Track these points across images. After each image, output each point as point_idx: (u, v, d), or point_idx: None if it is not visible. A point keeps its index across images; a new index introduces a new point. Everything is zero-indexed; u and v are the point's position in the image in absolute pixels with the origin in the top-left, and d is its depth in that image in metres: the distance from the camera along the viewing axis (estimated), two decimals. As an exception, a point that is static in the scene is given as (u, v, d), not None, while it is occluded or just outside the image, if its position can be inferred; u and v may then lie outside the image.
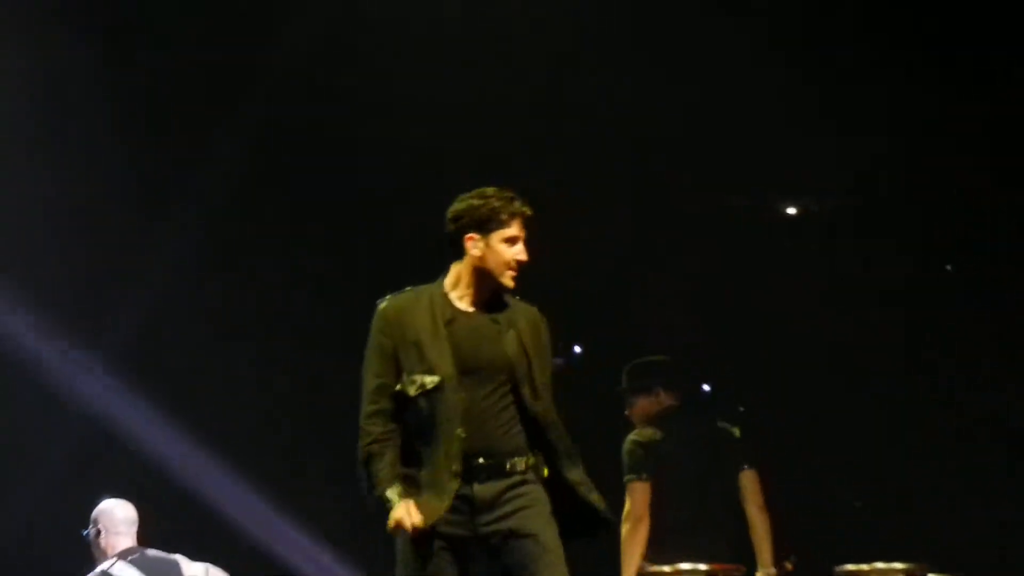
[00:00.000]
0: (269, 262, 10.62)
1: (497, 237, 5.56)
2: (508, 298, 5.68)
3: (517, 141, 9.61)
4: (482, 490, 5.52)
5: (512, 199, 5.61)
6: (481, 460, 5.50)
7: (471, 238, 5.58)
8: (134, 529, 7.61)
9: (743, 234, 10.25)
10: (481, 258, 5.57)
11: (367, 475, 5.53)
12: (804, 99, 9.13)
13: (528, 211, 5.62)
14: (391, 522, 5.45)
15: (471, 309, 5.60)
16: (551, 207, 5.88)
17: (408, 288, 5.69)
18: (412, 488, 5.48)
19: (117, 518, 7.58)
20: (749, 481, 7.67)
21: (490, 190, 5.61)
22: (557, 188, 9.18)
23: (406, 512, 5.41)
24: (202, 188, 10.17)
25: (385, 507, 5.47)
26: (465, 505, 5.50)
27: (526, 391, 5.55)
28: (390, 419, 5.53)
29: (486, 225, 5.56)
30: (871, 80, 9.17)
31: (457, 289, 5.62)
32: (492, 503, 5.51)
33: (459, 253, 5.63)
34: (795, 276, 9.98)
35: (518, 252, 5.58)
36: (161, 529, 7.94)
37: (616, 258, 10.32)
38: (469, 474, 5.49)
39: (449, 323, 5.53)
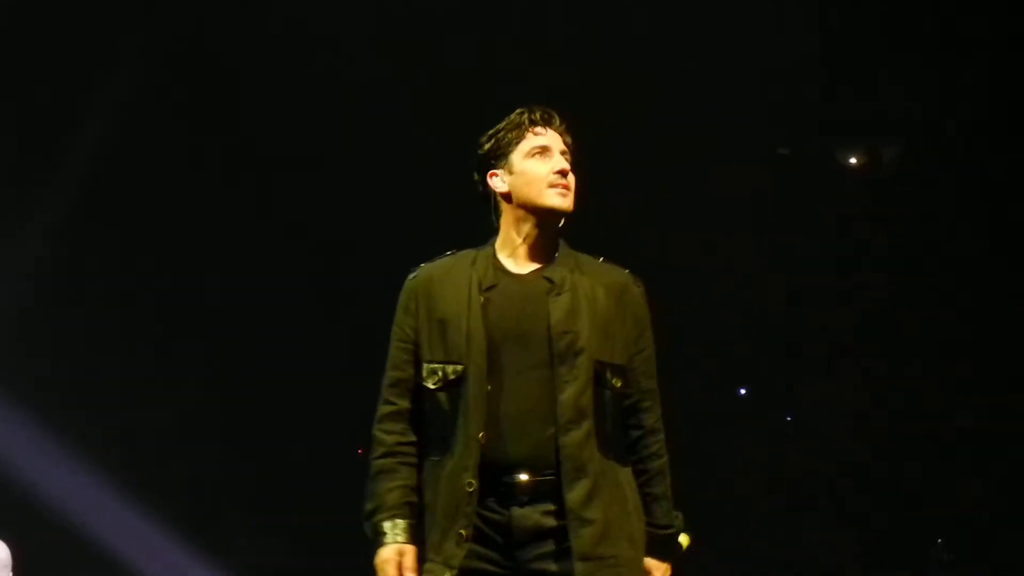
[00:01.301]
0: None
1: (518, 156, 4.45)
2: (586, 258, 4.51)
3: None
4: (523, 516, 4.24)
5: (523, 111, 4.49)
6: (523, 477, 4.24)
7: (492, 174, 4.47)
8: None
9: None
10: (509, 191, 4.44)
11: (370, 495, 4.35)
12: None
13: (548, 113, 4.50)
14: (377, 559, 4.29)
15: (524, 271, 4.42)
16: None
17: (449, 252, 4.54)
18: (426, 521, 4.31)
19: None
20: None
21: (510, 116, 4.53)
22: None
23: (395, 557, 4.26)
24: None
25: (376, 540, 4.31)
26: (499, 535, 4.26)
27: (562, 371, 4.27)
28: (410, 425, 4.39)
29: (500, 151, 4.46)
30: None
31: (506, 248, 4.45)
32: (535, 534, 4.25)
33: (497, 206, 4.50)
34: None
35: (554, 163, 4.43)
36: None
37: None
38: (505, 494, 4.24)
39: (488, 290, 4.37)
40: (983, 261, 9.02)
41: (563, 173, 4.42)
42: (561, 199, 4.41)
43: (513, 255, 4.45)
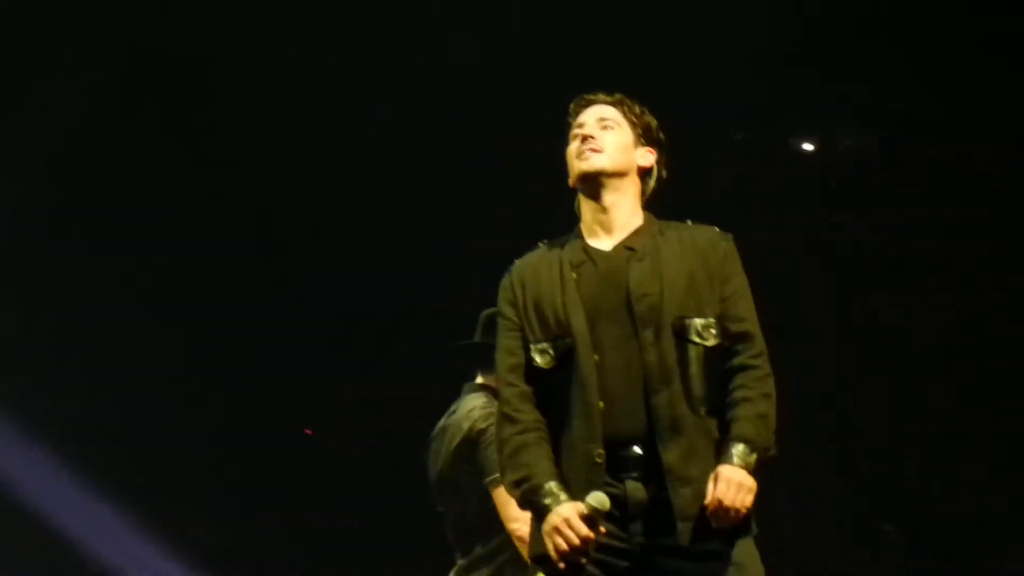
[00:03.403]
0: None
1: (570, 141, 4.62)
2: (673, 224, 4.58)
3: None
4: (637, 489, 4.27)
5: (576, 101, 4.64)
6: (637, 450, 4.27)
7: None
8: None
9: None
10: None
11: (517, 466, 4.34)
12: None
13: (587, 98, 4.64)
14: (548, 526, 4.23)
15: (608, 246, 4.51)
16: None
17: (541, 243, 4.65)
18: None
19: None
20: None
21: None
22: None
23: (571, 515, 4.19)
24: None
25: (540, 506, 4.27)
26: (616, 509, 4.26)
27: (647, 334, 4.33)
28: (535, 405, 4.42)
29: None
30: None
31: (586, 229, 4.56)
32: (649, 506, 4.28)
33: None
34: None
35: (577, 135, 4.57)
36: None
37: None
38: (620, 468, 4.28)
39: (578, 267, 4.47)
40: (954, 253, 8.97)
41: (583, 139, 4.51)
42: (583, 162, 4.50)
43: (593, 233, 4.52)
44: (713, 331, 4.38)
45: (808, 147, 9.68)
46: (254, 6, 8.92)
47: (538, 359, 4.41)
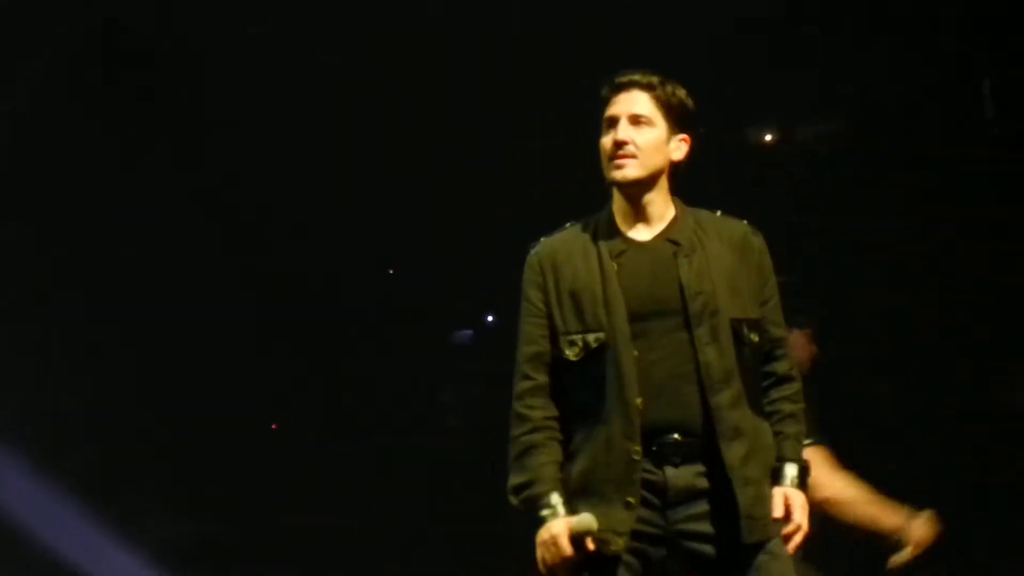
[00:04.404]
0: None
1: (603, 128, 4.44)
2: (704, 214, 4.50)
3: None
4: (677, 476, 4.25)
5: (614, 76, 4.45)
6: (676, 436, 4.25)
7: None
8: None
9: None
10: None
11: (521, 468, 4.31)
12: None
13: (624, 80, 4.43)
14: (540, 538, 4.25)
15: (647, 236, 4.42)
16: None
17: (569, 224, 4.53)
18: (576, 491, 4.30)
19: None
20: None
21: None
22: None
23: (567, 532, 4.21)
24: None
25: (540, 515, 4.27)
26: (655, 496, 4.26)
27: (701, 333, 4.28)
28: (551, 400, 4.35)
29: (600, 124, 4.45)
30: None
31: (620, 214, 4.44)
32: (690, 494, 4.26)
33: None
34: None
35: (611, 135, 4.40)
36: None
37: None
38: (658, 455, 4.25)
39: (619, 256, 4.37)
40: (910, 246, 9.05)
41: (615, 144, 4.37)
42: (616, 171, 4.38)
43: (629, 221, 4.42)
44: (756, 331, 4.40)
45: (768, 137, 9.75)
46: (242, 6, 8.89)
47: (567, 351, 4.33)
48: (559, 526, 4.23)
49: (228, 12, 8.80)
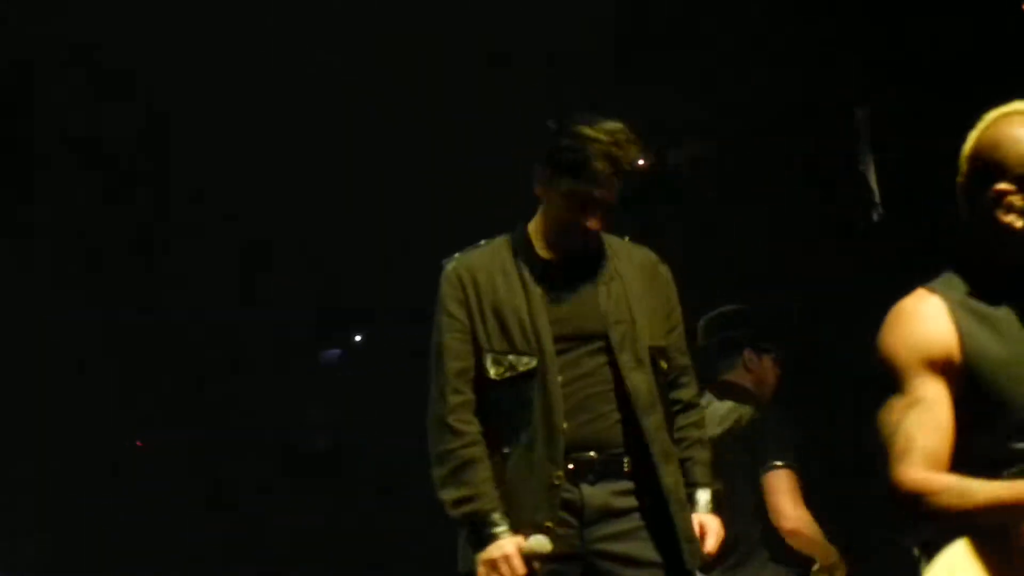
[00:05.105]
0: None
1: (566, 182, 4.36)
2: (615, 241, 4.54)
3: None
4: (593, 495, 4.31)
5: (597, 152, 4.31)
6: (592, 454, 4.30)
7: (541, 172, 4.44)
8: None
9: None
10: (544, 200, 4.46)
11: (461, 483, 4.29)
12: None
13: (619, 162, 4.36)
14: (487, 556, 4.22)
15: (564, 258, 4.45)
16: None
17: (482, 242, 4.56)
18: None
19: None
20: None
21: (608, 126, 4.35)
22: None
23: (513, 552, 4.19)
24: None
25: (482, 534, 4.26)
26: (571, 515, 4.30)
27: (625, 359, 4.34)
28: (476, 415, 4.40)
29: (558, 160, 4.37)
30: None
31: (540, 238, 4.48)
32: (606, 512, 4.31)
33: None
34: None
35: (588, 218, 4.38)
36: None
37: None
38: (574, 473, 4.30)
39: (540, 281, 4.40)
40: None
41: (598, 217, 4.37)
42: (579, 241, 4.40)
43: (549, 245, 4.43)
44: (664, 359, 4.46)
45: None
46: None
47: (492, 370, 4.35)
48: (510, 546, 4.20)
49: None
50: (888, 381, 3.15)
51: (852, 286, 8.39)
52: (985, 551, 3.00)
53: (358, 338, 10.32)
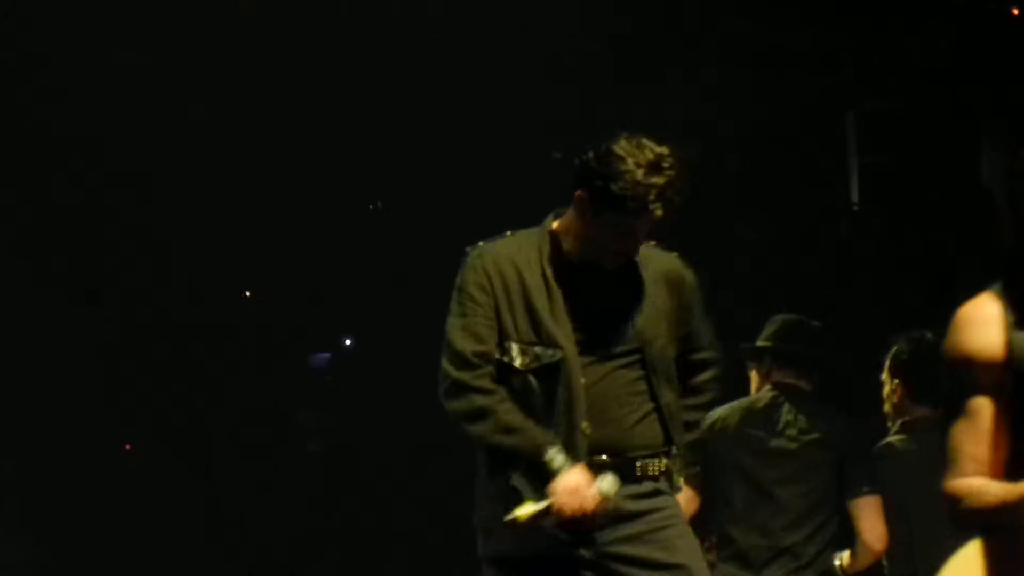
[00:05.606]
0: None
1: (605, 210, 4.23)
2: (647, 249, 4.43)
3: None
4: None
5: (643, 184, 4.18)
6: (604, 457, 4.28)
7: (581, 193, 4.28)
8: None
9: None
10: (581, 218, 4.32)
11: (510, 431, 4.24)
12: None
13: (664, 198, 4.21)
14: (567, 482, 4.14)
15: (591, 265, 4.36)
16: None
17: (508, 232, 4.46)
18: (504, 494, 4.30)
19: None
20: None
21: (652, 158, 4.20)
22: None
23: (587, 485, 4.17)
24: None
25: (548, 467, 4.18)
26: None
27: (658, 377, 4.36)
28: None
29: (600, 189, 4.22)
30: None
31: (569, 238, 4.36)
32: (616, 516, 4.28)
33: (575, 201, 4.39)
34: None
35: (627, 245, 4.33)
36: None
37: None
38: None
39: (564, 282, 4.33)
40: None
41: (631, 244, 4.31)
42: (614, 261, 4.34)
43: (576, 249, 4.34)
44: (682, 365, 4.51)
45: None
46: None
47: (517, 358, 4.29)
48: (583, 477, 4.20)
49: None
50: (954, 387, 3.17)
51: (834, 289, 8.47)
52: (996, 550, 3.07)
53: (348, 342, 10.35)
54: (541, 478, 4.21)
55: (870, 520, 5.57)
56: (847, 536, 5.69)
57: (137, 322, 9.71)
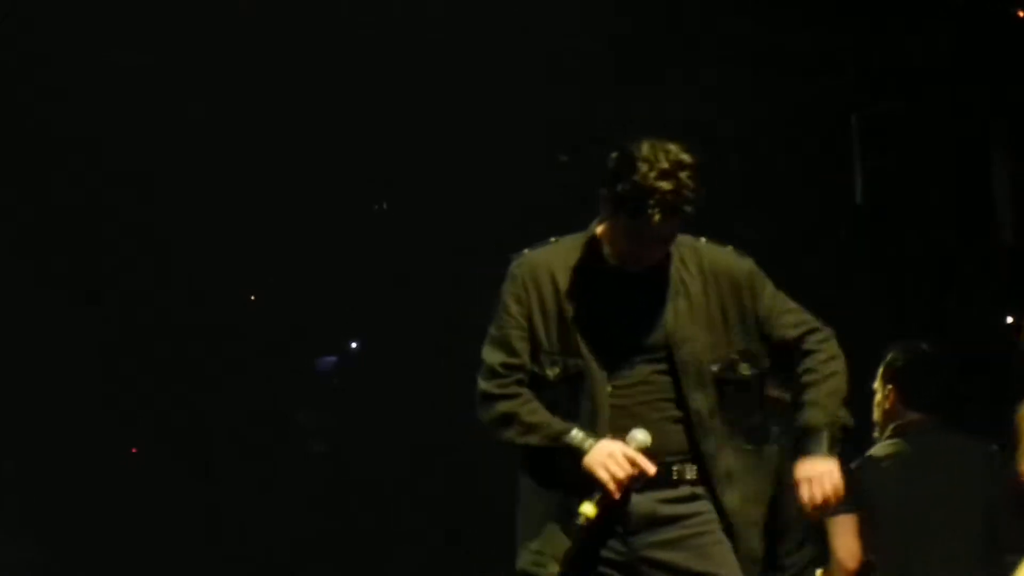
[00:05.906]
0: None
1: (626, 215, 4.20)
2: (687, 244, 4.39)
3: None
4: (639, 502, 4.25)
5: (660, 192, 4.13)
6: None
7: (607, 195, 4.25)
8: None
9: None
10: (607, 220, 4.30)
11: (535, 428, 4.26)
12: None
13: (682, 208, 4.19)
14: (597, 456, 4.16)
15: (632, 270, 4.32)
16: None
17: (552, 239, 4.45)
18: (530, 508, 4.33)
19: None
20: None
21: (668, 165, 4.15)
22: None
23: (619, 447, 4.17)
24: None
25: (575, 447, 4.19)
26: (616, 522, 4.25)
27: (688, 379, 4.29)
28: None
29: (622, 192, 4.18)
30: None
31: (608, 243, 4.34)
32: (652, 520, 4.25)
33: None
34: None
35: (648, 248, 4.28)
36: None
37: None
38: None
39: (602, 287, 4.32)
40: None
41: (653, 247, 4.27)
42: (639, 263, 4.30)
43: (610, 251, 4.32)
44: (746, 364, 4.36)
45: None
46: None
47: (548, 370, 4.31)
48: (610, 442, 4.18)
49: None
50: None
51: (834, 289, 8.47)
52: None
53: (354, 345, 10.35)
54: (575, 461, 4.19)
55: (843, 538, 5.62)
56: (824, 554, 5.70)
57: (137, 322, 9.72)
